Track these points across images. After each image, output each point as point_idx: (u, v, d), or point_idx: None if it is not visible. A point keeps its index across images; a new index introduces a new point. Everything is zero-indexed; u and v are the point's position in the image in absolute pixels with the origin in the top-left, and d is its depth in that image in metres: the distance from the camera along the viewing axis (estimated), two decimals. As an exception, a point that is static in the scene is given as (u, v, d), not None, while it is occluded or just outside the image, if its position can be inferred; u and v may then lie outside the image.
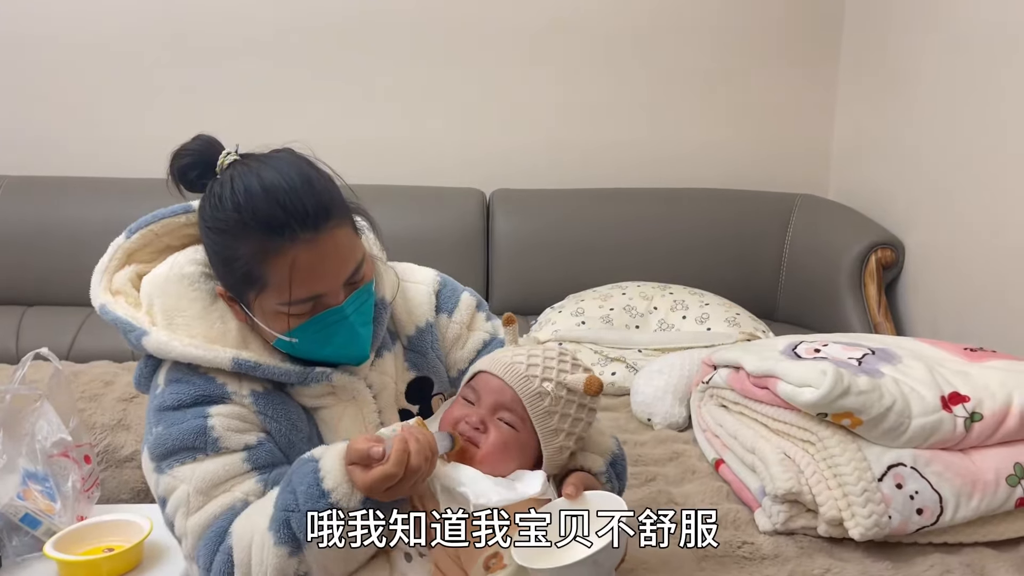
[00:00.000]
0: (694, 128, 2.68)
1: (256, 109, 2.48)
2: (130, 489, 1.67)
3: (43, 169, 2.51)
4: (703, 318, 2.21)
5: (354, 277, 1.01)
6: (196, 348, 1.00)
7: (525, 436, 0.99)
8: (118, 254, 1.12)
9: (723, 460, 1.60)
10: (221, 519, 0.96)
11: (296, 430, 1.03)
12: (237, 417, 1.01)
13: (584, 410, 1.01)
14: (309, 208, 0.94)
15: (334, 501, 0.89)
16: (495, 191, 2.57)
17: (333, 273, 0.97)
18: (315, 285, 0.96)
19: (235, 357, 1.00)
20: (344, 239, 0.99)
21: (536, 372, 1.00)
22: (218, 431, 0.98)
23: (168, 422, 1.00)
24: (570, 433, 1.00)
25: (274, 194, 0.93)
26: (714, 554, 1.35)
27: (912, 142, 2.32)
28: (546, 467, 0.99)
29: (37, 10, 2.48)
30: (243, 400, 1.01)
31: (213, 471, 0.97)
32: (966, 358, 1.58)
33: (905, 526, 1.35)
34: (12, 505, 1.24)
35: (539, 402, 0.98)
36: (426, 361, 1.15)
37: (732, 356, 1.63)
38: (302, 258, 0.94)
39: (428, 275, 1.20)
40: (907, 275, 2.35)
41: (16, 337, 2.26)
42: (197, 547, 0.97)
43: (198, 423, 0.98)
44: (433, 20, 2.56)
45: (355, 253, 1.01)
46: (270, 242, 0.94)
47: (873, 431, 1.39)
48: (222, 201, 0.96)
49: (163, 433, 0.99)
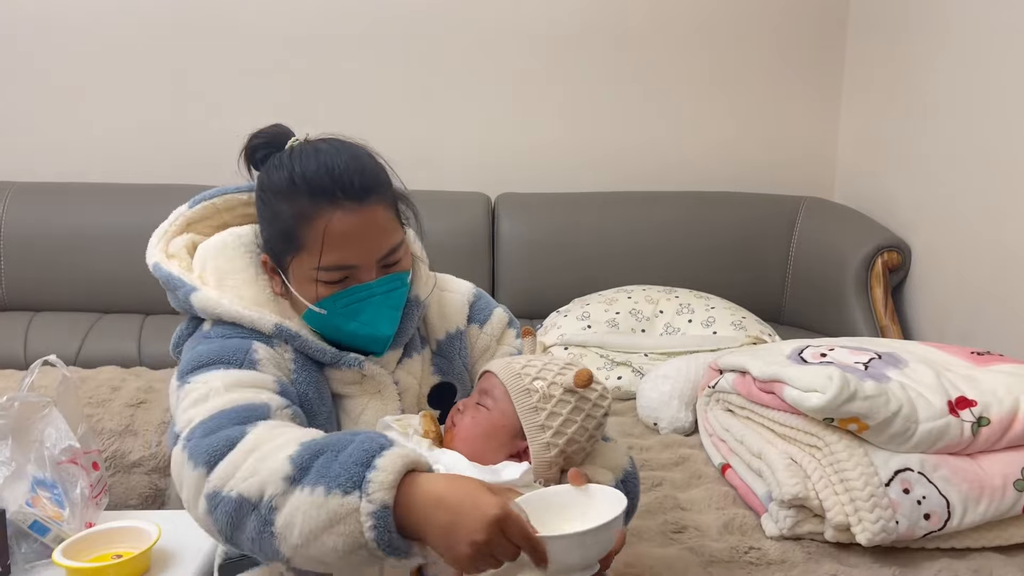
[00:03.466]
0: (699, 131, 2.68)
1: (265, 115, 2.49)
2: (138, 495, 1.68)
3: (50, 175, 2.52)
4: (709, 322, 2.21)
5: (389, 258, 1.04)
6: (244, 308, 1.03)
7: (504, 421, 1.00)
8: (179, 221, 1.16)
9: (729, 465, 1.60)
10: (245, 408, 0.91)
11: (322, 402, 1.04)
12: (275, 363, 1.01)
13: (580, 413, 1.01)
14: (355, 181, 1.00)
15: (367, 477, 0.80)
16: (500, 195, 2.57)
17: (367, 246, 1.01)
18: (346, 253, 1.00)
19: (278, 323, 1.03)
20: (383, 217, 1.03)
21: (531, 372, 1.02)
22: (260, 355, 0.99)
23: (211, 343, 1.00)
24: (559, 432, 0.99)
25: (325, 163, 1.00)
26: (721, 559, 1.36)
27: (917, 144, 2.31)
28: (534, 462, 0.99)
29: (42, 17, 2.49)
30: (284, 355, 1.03)
31: (246, 377, 0.96)
32: (973, 362, 1.58)
33: (912, 531, 1.35)
34: (21, 512, 1.24)
35: (526, 398, 1.00)
36: (452, 367, 1.16)
37: (738, 361, 1.63)
38: (338, 223, 0.98)
39: (465, 286, 1.23)
40: (913, 278, 2.35)
41: (24, 342, 2.27)
42: (209, 419, 0.90)
43: (243, 343, 0.99)
44: (437, 24, 2.56)
45: (392, 234, 1.05)
46: (313, 205, 0.99)
47: (880, 436, 1.38)
48: (279, 167, 1.03)
49: (203, 350, 0.99)
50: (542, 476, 1.00)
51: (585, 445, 1.03)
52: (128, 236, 2.38)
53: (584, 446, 1.03)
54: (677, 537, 1.42)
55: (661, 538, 1.42)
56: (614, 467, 1.07)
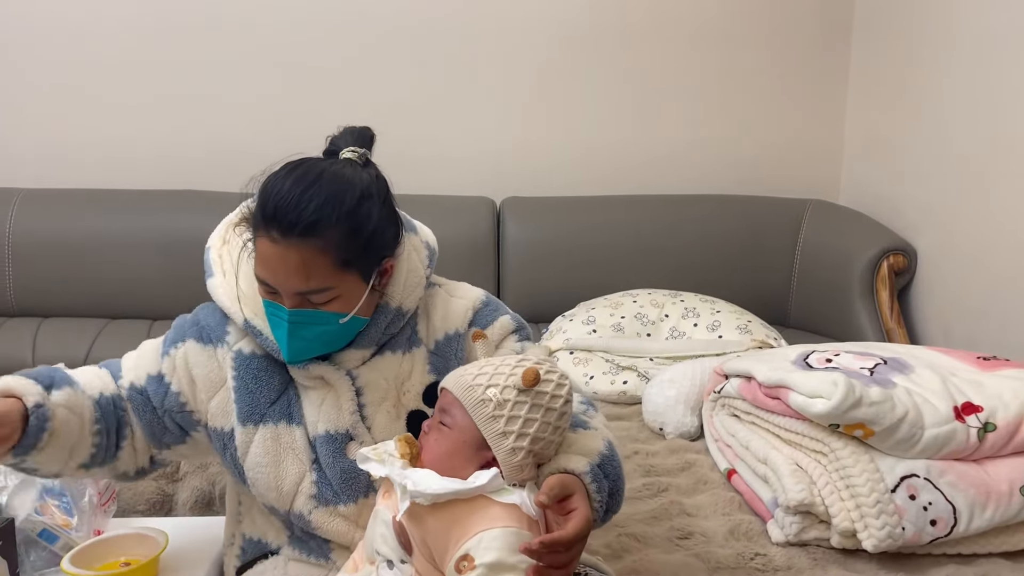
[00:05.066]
0: (704, 135, 2.68)
1: (273, 120, 2.50)
2: (146, 500, 1.68)
3: (58, 181, 2.53)
4: (715, 326, 2.21)
5: (310, 297, 1.07)
6: (228, 299, 1.16)
7: (464, 436, 1.00)
8: (243, 210, 1.23)
9: (735, 470, 1.60)
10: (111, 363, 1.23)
11: (261, 392, 1.14)
12: (203, 361, 1.17)
13: (540, 410, 0.99)
14: (289, 217, 1.03)
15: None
16: (505, 199, 2.57)
17: (279, 279, 1.06)
18: (265, 273, 1.07)
19: (248, 320, 1.14)
20: (302, 260, 1.04)
21: (482, 381, 1.01)
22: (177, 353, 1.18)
23: (193, 315, 1.22)
24: (522, 435, 0.98)
25: (280, 191, 1.05)
26: (727, 565, 1.36)
27: (923, 146, 2.31)
28: (504, 469, 0.99)
29: (50, 23, 2.50)
30: (227, 352, 1.16)
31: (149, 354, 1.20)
32: (979, 367, 1.57)
33: (919, 537, 1.35)
34: (30, 520, 1.25)
35: (482, 408, 0.99)
36: (447, 367, 1.17)
37: (743, 366, 1.63)
38: (260, 245, 1.07)
39: (474, 293, 1.25)
40: (919, 281, 2.34)
41: (32, 348, 2.28)
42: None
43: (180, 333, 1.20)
44: (443, 29, 2.57)
45: (312, 279, 1.06)
46: (260, 220, 1.06)
47: (885, 442, 1.38)
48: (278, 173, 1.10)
49: (175, 323, 1.23)
50: (516, 479, 0.99)
51: (552, 438, 1.01)
52: (136, 242, 2.41)
53: (552, 439, 1.01)
54: (683, 543, 1.42)
55: (667, 544, 1.42)
56: (588, 452, 1.06)
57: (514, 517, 0.95)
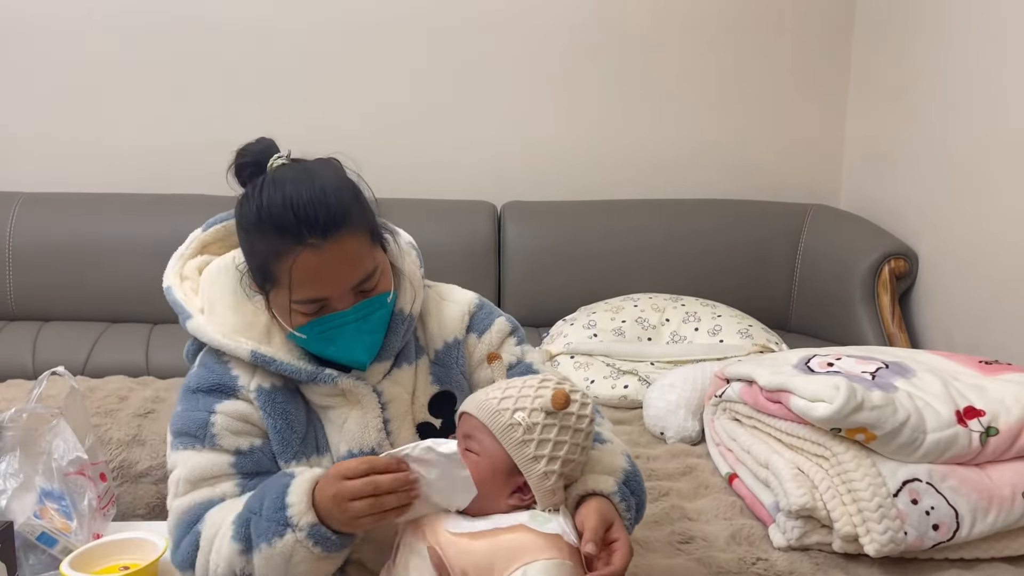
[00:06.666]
0: (705, 139, 2.68)
1: (274, 124, 2.50)
2: (145, 504, 1.68)
3: (59, 185, 2.53)
4: (715, 330, 2.20)
5: (363, 285, 1.04)
6: (223, 336, 1.09)
7: (495, 462, 0.99)
8: (193, 244, 1.22)
9: (737, 475, 1.60)
10: (198, 507, 1.06)
11: (291, 430, 1.09)
12: (239, 417, 1.09)
13: (568, 431, 0.99)
14: (320, 216, 0.99)
15: (288, 516, 0.97)
16: (506, 203, 2.57)
17: (336, 280, 1.02)
18: (317, 288, 1.02)
19: (254, 350, 1.08)
20: (352, 248, 1.02)
21: (507, 405, 0.99)
22: (217, 428, 1.07)
23: (185, 405, 1.11)
24: (552, 458, 0.97)
25: (289, 198, 1.00)
26: (728, 570, 1.35)
27: (924, 150, 2.31)
28: (537, 494, 0.98)
29: (52, 27, 2.51)
30: (248, 395, 1.09)
31: (203, 466, 1.07)
32: (981, 371, 1.57)
33: (921, 542, 1.34)
34: (29, 524, 1.24)
35: (511, 433, 0.98)
36: (450, 376, 1.17)
37: (744, 370, 1.63)
38: (305, 261, 1.00)
39: (467, 296, 1.23)
40: (921, 285, 2.34)
41: (32, 351, 2.28)
42: (174, 526, 1.08)
43: (203, 416, 1.08)
44: (443, 33, 2.57)
45: (363, 263, 1.04)
46: (281, 243, 1.00)
47: (887, 446, 1.38)
48: (249, 201, 1.04)
49: (179, 414, 1.10)
50: (549, 503, 0.98)
51: (580, 459, 1.01)
52: (136, 246, 2.41)
53: (579, 460, 1.01)
54: (684, 548, 1.41)
55: (668, 549, 1.41)
56: (612, 470, 1.06)
57: (556, 547, 0.95)
